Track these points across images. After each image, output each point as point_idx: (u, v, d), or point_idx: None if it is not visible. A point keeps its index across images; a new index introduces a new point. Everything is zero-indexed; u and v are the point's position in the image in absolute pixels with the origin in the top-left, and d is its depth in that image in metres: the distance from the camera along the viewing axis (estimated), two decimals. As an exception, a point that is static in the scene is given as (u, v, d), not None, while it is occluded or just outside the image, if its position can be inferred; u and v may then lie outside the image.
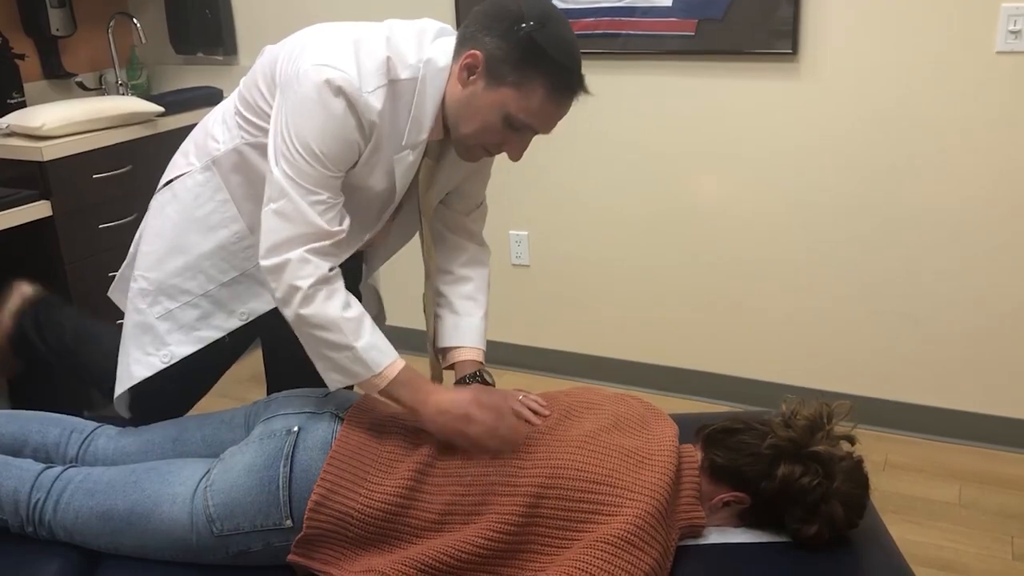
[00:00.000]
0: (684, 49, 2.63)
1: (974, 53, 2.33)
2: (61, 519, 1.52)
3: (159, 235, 1.69)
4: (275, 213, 1.46)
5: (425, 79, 1.47)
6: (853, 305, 2.67)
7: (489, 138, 1.49)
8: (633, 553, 1.31)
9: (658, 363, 2.98)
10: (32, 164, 2.60)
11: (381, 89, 1.44)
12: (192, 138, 1.72)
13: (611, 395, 1.63)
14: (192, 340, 1.68)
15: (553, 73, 1.41)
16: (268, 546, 1.47)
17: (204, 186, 1.65)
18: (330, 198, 1.47)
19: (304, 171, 1.44)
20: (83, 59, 3.31)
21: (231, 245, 1.65)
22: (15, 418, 1.71)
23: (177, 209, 1.67)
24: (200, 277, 1.66)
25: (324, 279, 1.46)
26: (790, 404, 1.50)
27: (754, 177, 2.68)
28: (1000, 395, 2.57)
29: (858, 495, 1.45)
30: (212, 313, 1.68)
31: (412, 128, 1.50)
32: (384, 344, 1.51)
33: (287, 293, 1.46)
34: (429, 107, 1.49)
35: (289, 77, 1.45)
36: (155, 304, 1.68)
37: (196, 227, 1.66)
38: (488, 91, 1.43)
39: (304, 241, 1.45)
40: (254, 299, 1.68)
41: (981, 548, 2.20)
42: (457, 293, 1.79)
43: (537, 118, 1.45)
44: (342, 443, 1.50)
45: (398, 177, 1.54)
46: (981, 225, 2.46)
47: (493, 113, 1.44)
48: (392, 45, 1.47)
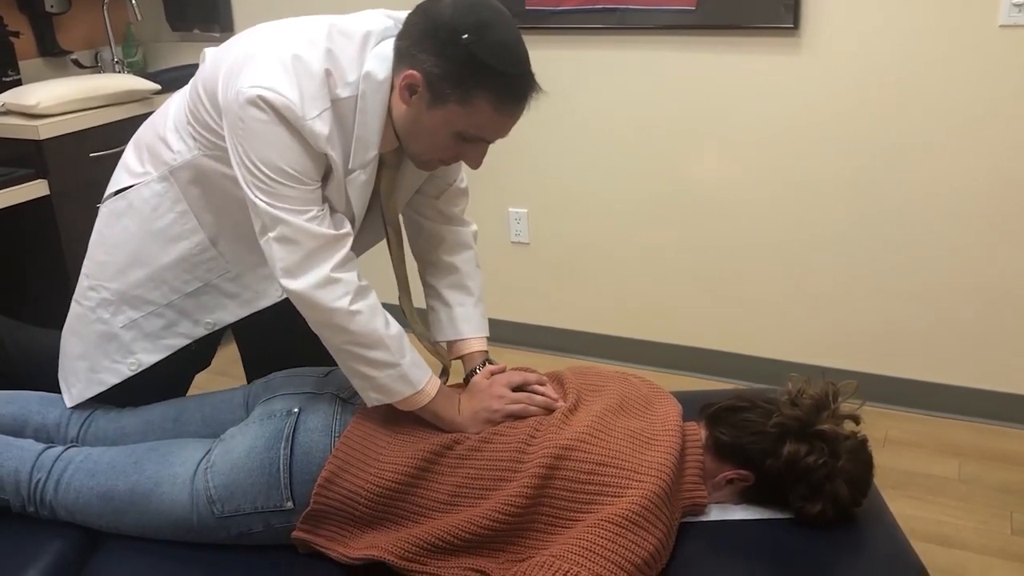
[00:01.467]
0: (684, 24, 2.60)
1: (978, 27, 2.31)
2: (62, 499, 1.52)
3: (117, 246, 1.62)
4: (276, 241, 1.41)
5: (365, 95, 1.40)
6: (853, 281, 2.66)
7: (442, 154, 1.44)
8: (637, 533, 1.31)
9: (658, 340, 2.98)
10: (28, 143, 2.58)
11: (326, 112, 1.37)
12: (142, 143, 1.62)
13: (614, 375, 1.63)
14: (159, 348, 1.64)
15: (498, 85, 1.34)
16: (269, 527, 1.47)
17: (162, 197, 1.57)
18: (319, 211, 1.42)
19: (286, 195, 1.38)
20: (78, 36, 3.29)
21: (193, 257, 1.59)
22: (15, 399, 1.71)
23: (135, 220, 1.60)
24: (163, 287, 1.61)
25: (360, 292, 1.43)
26: (796, 383, 1.50)
27: (755, 153, 2.66)
28: (1000, 371, 2.57)
29: (862, 474, 1.45)
30: (177, 322, 1.63)
31: (357, 149, 1.43)
32: (421, 360, 1.51)
33: (325, 317, 1.43)
34: (373, 124, 1.42)
35: (230, 102, 1.37)
36: (118, 314, 1.62)
37: (156, 239, 1.59)
38: (432, 110, 1.37)
39: (320, 257, 1.41)
40: (220, 309, 1.63)
41: (981, 523, 2.21)
42: (444, 283, 1.73)
43: (488, 130, 1.39)
44: (357, 424, 1.50)
45: (354, 200, 1.48)
46: (983, 202, 2.45)
47: (441, 131, 1.39)
48: (332, 58, 1.38)
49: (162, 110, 1.63)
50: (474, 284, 1.74)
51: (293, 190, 1.38)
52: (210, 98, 1.45)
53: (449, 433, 1.49)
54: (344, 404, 1.55)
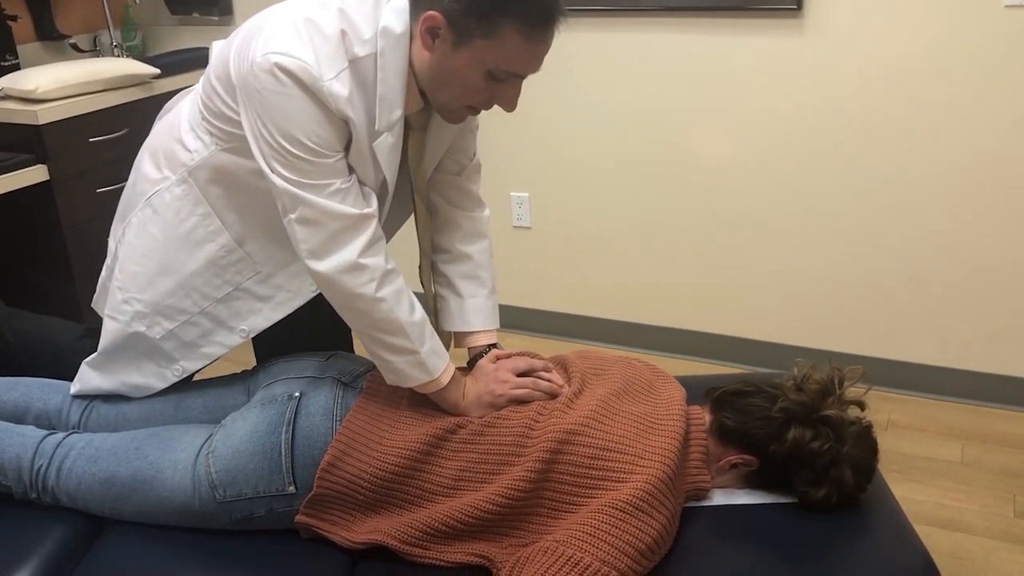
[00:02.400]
0: (686, 5, 2.59)
1: (982, 7, 2.29)
2: (64, 485, 1.51)
3: (146, 255, 1.57)
4: (298, 222, 1.38)
5: (384, 52, 1.34)
6: (856, 264, 2.66)
7: (474, 97, 1.38)
8: (640, 518, 1.31)
9: (661, 324, 2.97)
10: (27, 128, 2.58)
11: (344, 73, 1.32)
12: (157, 147, 1.58)
13: (617, 359, 1.62)
14: (199, 356, 1.61)
15: (524, 11, 1.28)
16: (271, 512, 1.47)
17: (183, 200, 1.53)
18: (343, 183, 1.38)
19: (304, 168, 1.35)
20: (76, 20, 3.27)
21: (220, 260, 1.54)
22: (16, 385, 1.70)
23: (159, 227, 1.55)
24: (194, 295, 1.56)
25: (385, 278, 1.41)
26: (801, 368, 1.50)
27: (758, 135, 2.65)
28: (1002, 354, 2.57)
29: (867, 460, 1.45)
30: (212, 331, 1.59)
31: (383, 109, 1.38)
32: (441, 348, 1.50)
33: (348, 301, 1.42)
34: (395, 81, 1.37)
35: (244, 74, 1.34)
36: (154, 325, 1.58)
37: (181, 244, 1.54)
38: (458, 50, 1.31)
39: (346, 239, 1.38)
40: (252, 315, 1.59)
41: (983, 506, 2.21)
42: (458, 273, 1.68)
43: (520, 63, 1.33)
44: (360, 408, 1.50)
45: (384, 165, 1.43)
46: (986, 183, 2.44)
47: (471, 72, 1.33)
48: (346, 17, 1.34)
49: (173, 114, 1.60)
50: (487, 275, 1.71)
51: (313, 163, 1.35)
52: (223, 83, 1.42)
53: (453, 417, 1.49)
54: (346, 388, 1.55)
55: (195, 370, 1.62)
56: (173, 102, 1.67)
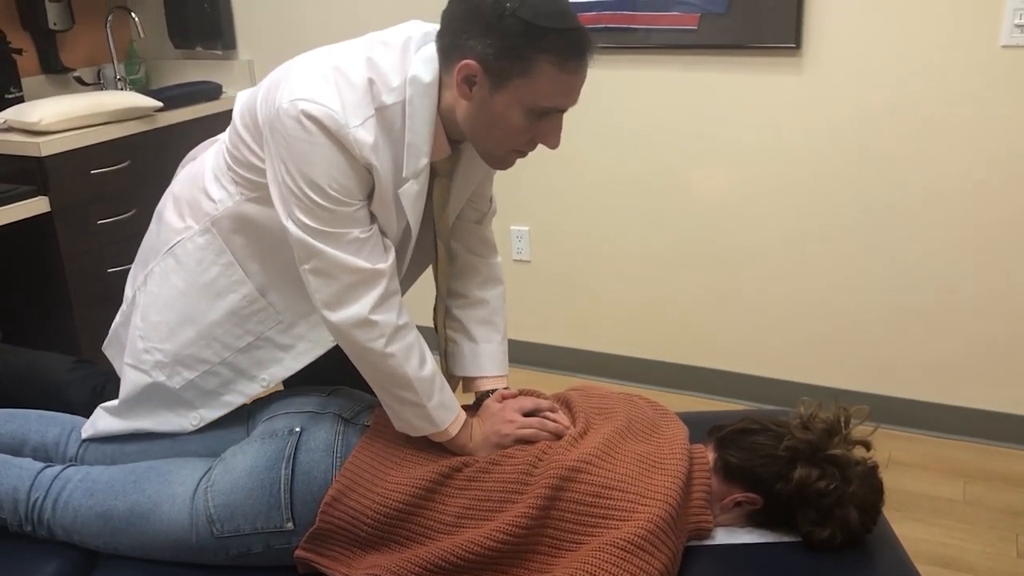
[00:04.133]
0: (686, 43, 2.61)
1: (979, 47, 2.32)
2: (60, 518, 1.50)
3: (168, 305, 1.57)
4: (312, 273, 1.38)
5: (413, 100, 1.36)
6: (856, 300, 2.66)
7: (518, 139, 1.38)
8: (642, 557, 1.29)
9: (661, 360, 2.97)
10: (30, 159, 2.58)
11: (370, 120, 1.33)
12: (181, 196, 1.59)
13: (620, 397, 1.62)
14: (219, 404, 1.60)
15: (557, 44, 1.29)
16: (268, 548, 1.45)
17: (206, 249, 1.53)
18: (362, 232, 1.37)
19: (323, 216, 1.34)
20: (81, 54, 3.30)
21: (242, 310, 1.54)
22: (14, 417, 1.69)
23: (182, 276, 1.55)
24: (215, 345, 1.55)
25: (395, 334, 1.41)
26: (808, 406, 1.49)
27: (758, 172, 2.66)
28: (1004, 391, 2.56)
29: (873, 500, 1.44)
30: (233, 380, 1.59)
31: (410, 156, 1.38)
32: (451, 400, 1.50)
33: (359, 352, 1.42)
34: (423, 129, 1.38)
35: (271, 119, 1.34)
36: (174, 375, 1.57)
37: (203, 294, 1.54)
38: (497, 94, 1.32)
39: (358, 293, 1.38)
40: (274, 364, 1.59)
41: (986, 546, 2.19)
42: (473, 318, 1.69)
43: (559, 96, 1.34)
44: (366, 444, 1.49)
45: (408, 211, 1.43)
46: (985, 220, 2.45)
47: (512, 113, 1.33)
48: (374, 66, 1.35)
49: (197, 164, 1.61)
50: (501, 321, 1.71)
51: (331, 211, 1.34)
52: (250, 131, 1.42)
53: (459, 456, 1.48)
54: (347, 424, 1.53)
55: (214, 418, 1.60)
56: (197, 151, 1.68)
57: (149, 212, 2.89)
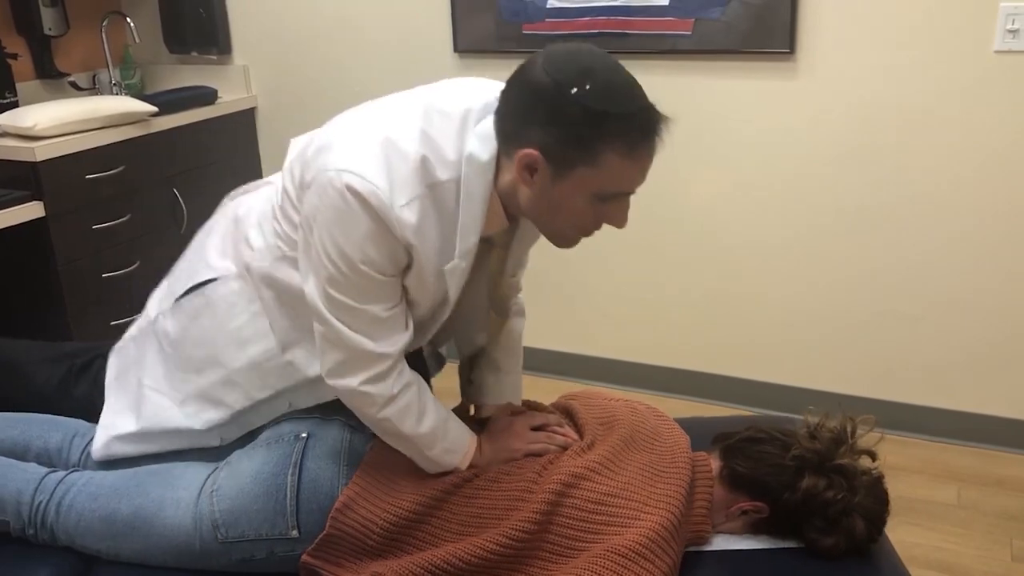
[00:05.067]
0: (681, 48, 2.62)
1: (972, 52, 2.33)
2: (63, 522, 1.50)
3: (198, 344, 1.55)
4: (321, 337, 1.37)
5: (469, 178, 1.29)
6: (851, 305, 2.66)
7: (583, 222, 1.31)
8: (642, 565, 1.29)
9: (655, 364, 2.97)
10: (25, 164, 2.58)
11: (416, 201, 1.27)
12: (227, 234, 1.58)
13: (621, 405, 1.62)
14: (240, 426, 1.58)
15: (623, 129, 1.22)
16: (272, 555, 1.45)
17: (238, 295, 1.51)
18: (384, 310, 1.34)
19: (347, 287, 1.30)
20: (76, 59, 3.29)
21: (264, 363, 1.51)
22: (16, 423, 1.69)
23: (212, 319, 1.53)
24: (238, 391, 1.53)
25: (388, 402, 1.40)
26: (815, 415, 1.50)
27: (751, 177, 2.67)
28: (999, 396, 2.57)
29: (879, 511, 1.45)
30: (253, 423, 1.57)
31: (462, 237, 1.33)
32: (456, 443, 1.48)
33: (358, 412, 1.44)
34: (477, 208, 1.31)
35: (313, 182, 1.30)
36: (201, 412, 1.55)
37: (230, 340, 1.52)
38: (560, 183, 1.25)
39: (354, 367, 1.37)
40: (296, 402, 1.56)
41: (981, 550, 2.20)
42: (497, 346, 1.67)
43: (626, 181, 1.27)
44: (377, 452, 1.49)
45: (451, 288, 1.39)
46: (979, 225, 2.45)
47: (577, 199, 1.26)
48: (428, 139, 1.29)
49: (247, 205, 1.58)
50: (520, 349, 1.71)
51: (360, 286, 1.31)
52: (293, 184, 1.40)
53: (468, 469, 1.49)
54: (353, 431, 1.53)
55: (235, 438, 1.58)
56: (251, 186, 1.66)
57: (144, 217, 2.91)
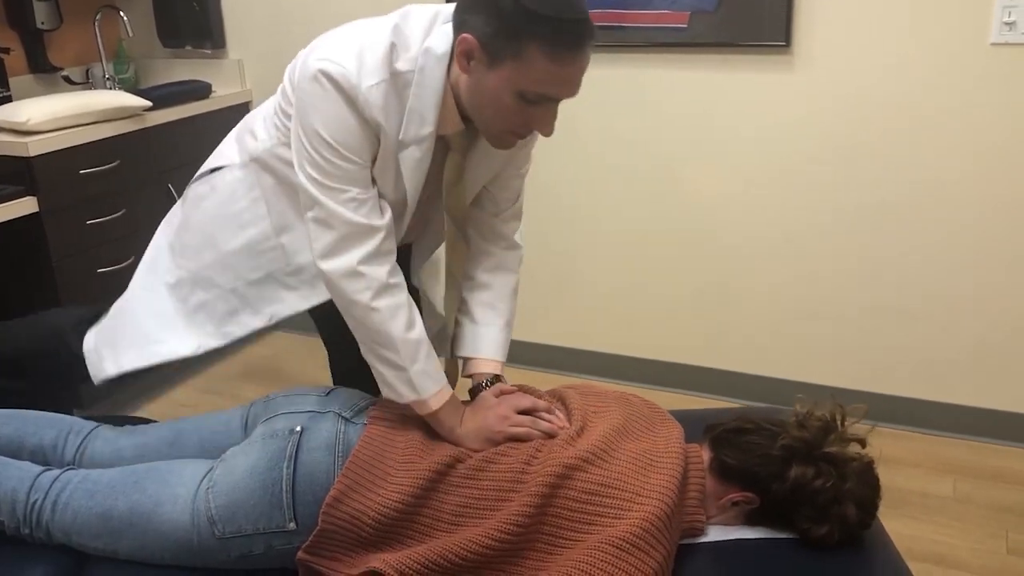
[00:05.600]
0: (676, 41, 2.61)
1: (969, 45, 2.33)
2: (59, 520, 1.49)
3: (196, 227, 1.71)
4: (313, 221, 1.46)
5: (424, 69, 1.41)
6: (847, 298, 2.66)
7: (510, 120, 1.40)
8: (637, 556, 1.30)
9: (652, 358, 2.97)
10: (18, 160, 2.57)
11: (383, 84, 1.39)
12: (235, 134, 1.73)
13: (615, 395, 1.62)
14: (220, 335, 1.71)
15: (549, 32, 1.29)
16: (270, 549, 1.45)
17: (240, 183, 1.66)
18: (360, 193, 1.44)
19: (325, 169, 1.42)
20: (69, 53, 3.28)
21: (258, 244, 1.65)
22: (11, 419, 1.69)
23: (214, 203, 1.69)
24: (229, 273, 1.68)
25: (383, 290, 1.46)
26: (804, 404, 1.50)
27: (747, 170, 2.66)
28: (995, 389, 2.57)
29: (870, 496, 1.45)
30: (238, 310, 1.70)
31: (410, 121, 1.43)
32: (436, 372, 1.53)
33: (346, 306, 1.49)
34: (429, 98, 1.42)
35: (298, 78, 1.44)
36: (191, 295, 1.70)
37: (228, 223, 1.67)
38: (491, 73, 1.34)
39: (350, 244, 1.45)
40: (278, 302, 1.69)
41: (976, 542, 2.20)
42: (477, 300, 1.73)
43: (549, 85, 1.34)
44: (366, 444, 1.49)
45: (406, 177, 1.48)
46: (976, 219, 2.46)
47: (503, 93, 1.35)
48: (399, 32, 1.42)
49: (261, 106, 1.71)
50: (505, 308, 1.74)
51: (335, 165, 1.42)
52: (290, 83, 1.52)
53: (452, 451, 1.48)
54: (347, 423, 1.53)
55: (209, 348, 1.71)
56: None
57: (139, 212, 2.90)
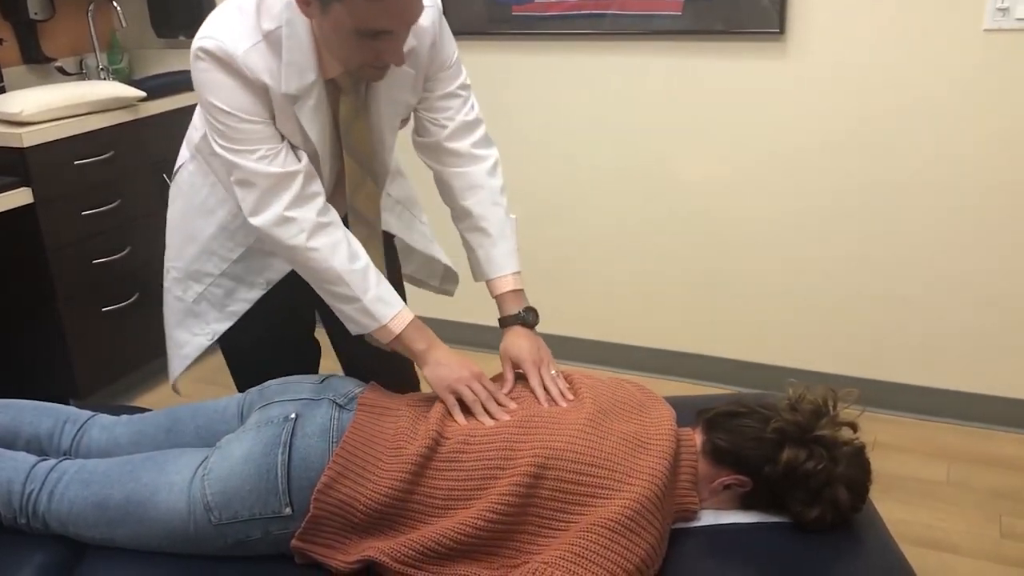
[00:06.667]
0: (671, 29, 2.61)
1: (962, 31, 2.33)
2: (56, 510, 1.50)
3: (175, 227, 1.78)
4: (236, 184, 1.53)
5: (292, 22, 1.45)
6: (842, 285, 2.67)
7: (360, 56, 1.43)
8: (629, 537, 1.30)
9: (646, 346, 2.98)
10: (12, 151, 2.56)
11: (258, 45, 1.44)
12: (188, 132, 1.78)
13: (607, 380, 1.62)
14: (226, 316, 1.77)
15: None
16: (267, 534, 1.46)
17: (195, 174, 1.71)
18: (269, 149, 1.50)
19: (230, 135, 1.48)
20: (63, 43, 3.27)
21: (229, 224, 1.70)
22: (7, 408, 1.69)
23: (182, 200, 1.75)
24: (214, 258, 1.73)
25: (317, 229, 1.52)
26: (796, 388, 1.50)
27: (742, 158, 2.67)
28: (988, 374, 2.58)
29: (861, 479, 1.46)
30: (235, 289, 1.76)
31: (289, 75, 1.47)
32: (390, 296, 1.58)
33: (287, 253, 1.55)
34: (303, 48, 1.46)
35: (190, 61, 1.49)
36: (188, 289, 1.77)
37: (198, 213, 1.72)
38: (325, 17, 1.38)
39: (273, 195, 1.50)
40: (267, 269, 1.74)
41: (970, 526, 2.22)
42: (464, 227, 1.76)
43: (378, 19, 1.37)
44: (355, 430, 1.49)
45: (308, 127, 1.52)
46: (969, 205, 2.46)
47: (342, 34, 1.39)
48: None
49: None
50: (490, 224, 1.73)
51: (238, 130, 1.48)
52: None
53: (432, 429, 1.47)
54: (341, 410, 1.54)
55: (223, 331, 1.78)
56: None
57: (133, 203, 2.90)
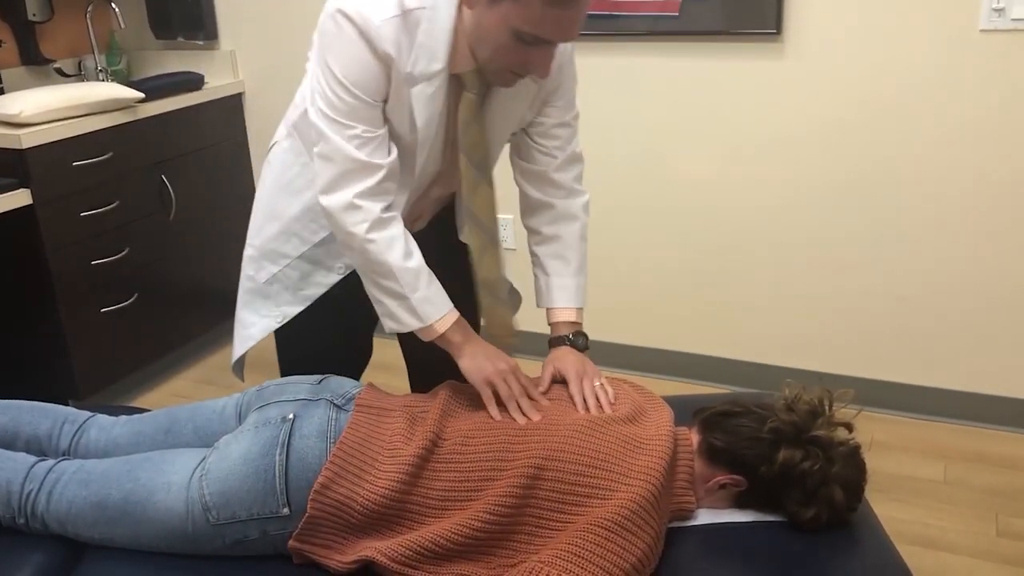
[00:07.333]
0: (668, 30, 2.62)
1: (958, 31, 2.33)
2: (54, 510, 1.50)
3: (259, 205, 1.76)
4: (319, 156, 1.50)
5: (435, 6, 1.44)
6: (839, 284, 2.68)
7: (508, 59, 1.43)
8: (626, 537, 1.31)
9: (645, 345, 2.98)
10: (11, 152, 2.57)
11: (395, 19, 1.42)
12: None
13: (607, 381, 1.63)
14: (299, 300, 1.74)
15: None
16: (265, 535, 1.46)
17: (288, 152, 1.70)
18: (366, 131, 1.48)
19: (335, 104, 1.46)
20: (61, 45, 3.27)
21: (316, 206, 1.65)
22: (6, 409, 1.69)
23: (271, 177, 1.74)
24: (294, 240, 1.71)
25: (378, 223, 1.51)
26: (792, 388, 1.51)
27: (739, 157, 2.67)
28: (985, 374, 2.59)
29: (856, 479, 1.46)
30: (312, 272, 1.72)
31: (419, 56, 1.45)
32: (438, 297, 1.57)
33: (345, 239, 1.53)
34: (441, 35, 1.45)
35: (320, 21, 1.47)
36: (261, 270, 1.74)
37: (285, 192, 1.71)
38: (490, 10, 1.38)
39: (349, 180, 1.49)
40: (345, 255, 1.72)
41: (966, 525, 2.22)
42: (545, 253, 1.79)
43: (545, 27, 1.37)
44: (353, 431, 1.50)
45: (418, 113, 1.50)
46: (966, 205, 2.47)
47: (501, 32, 1.39)
48: None
49: None
50: (574, 256, 1.80)
51: (343, 101, 1.45)
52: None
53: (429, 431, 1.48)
54: (339, 410, 1.54)
55: (294, 314, 1.74)
56: None
57: (132, 204, 2.90)
